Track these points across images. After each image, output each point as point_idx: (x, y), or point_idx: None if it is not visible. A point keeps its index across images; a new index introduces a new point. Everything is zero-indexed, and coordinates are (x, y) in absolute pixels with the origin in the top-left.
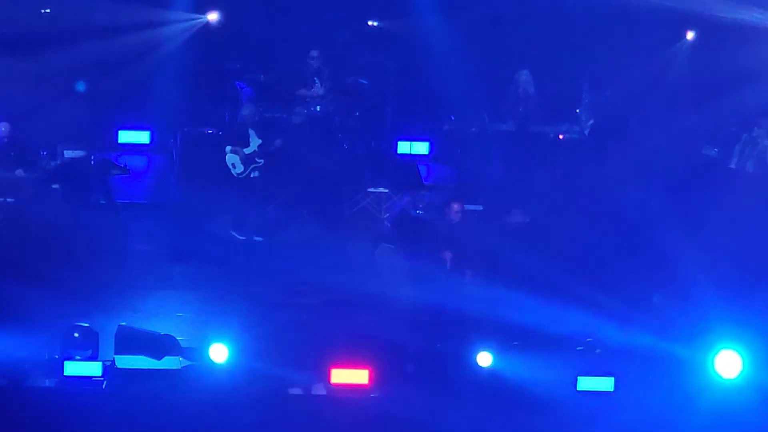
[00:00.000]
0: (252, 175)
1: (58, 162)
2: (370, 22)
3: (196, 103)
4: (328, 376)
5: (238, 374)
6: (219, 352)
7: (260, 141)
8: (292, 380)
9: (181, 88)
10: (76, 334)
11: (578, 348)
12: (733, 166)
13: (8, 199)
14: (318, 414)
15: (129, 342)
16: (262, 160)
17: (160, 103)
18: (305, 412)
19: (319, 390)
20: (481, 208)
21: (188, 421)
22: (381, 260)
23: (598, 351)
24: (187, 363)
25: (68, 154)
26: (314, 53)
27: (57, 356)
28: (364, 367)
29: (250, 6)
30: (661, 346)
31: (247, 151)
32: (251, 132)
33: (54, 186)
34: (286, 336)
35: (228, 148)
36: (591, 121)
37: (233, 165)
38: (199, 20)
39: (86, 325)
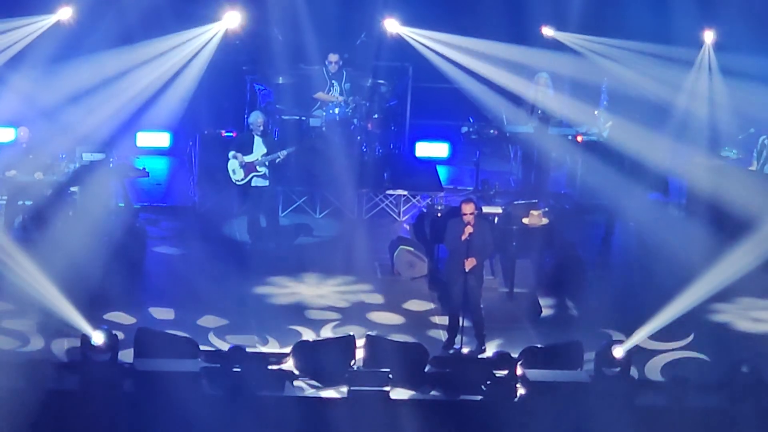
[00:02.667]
0: (253, 183)
1: (77, 165)
2: (387, 25)
3: (215, 105)
4: None
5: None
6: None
7: (265, 150)
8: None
9: (201, 90)
10: (96, 337)
11: None
12: (753, 168)
13: (27, 202)
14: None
15: (148, 345)
16: (264, 169)
17: (179, 105)
18: (324, 414)
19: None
20: (500, 210)
21: (207, 422)
22: (400, 262)
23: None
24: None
25: (87, 157)
26: (333, 56)
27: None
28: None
29: (270, 9)
30: None
31: (248, 158)
32: (257, 140)
33: (73, 189)
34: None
35: (231, 153)
36: (609, 123)
37: (233, 171)
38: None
39: (105, 327)
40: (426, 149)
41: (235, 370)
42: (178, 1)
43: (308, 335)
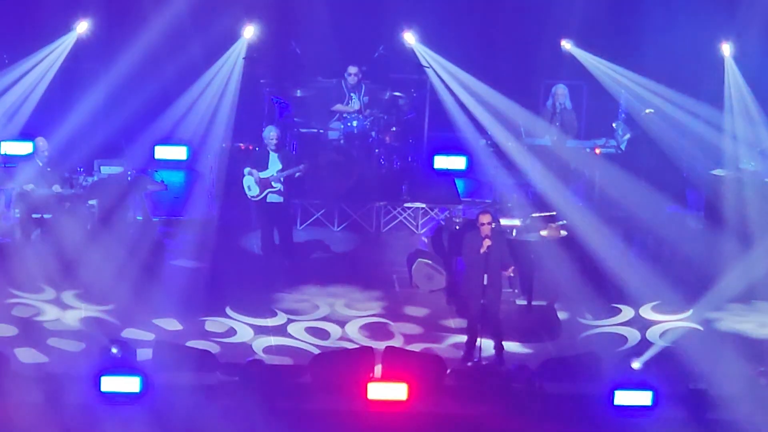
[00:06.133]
0: (268, 199)
1: (95, 178)
2: (406, 36)
3: (233, 118)
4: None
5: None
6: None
7: (280, 165)
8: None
9: (219, 103)
10: (114, 349)
11: None
12: None
13: (45, 215)
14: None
15: (166, 357)
16: (279, 185)
17: (197, 118)
18: (342, 426)
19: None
20: (518, 223)
21: None
22: (418, 275)
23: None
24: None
25: (105, 170)
26: (352, 69)
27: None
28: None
29: (287, 21)
30: None
31: (263, 174)
32: (272, 155)
33: (91, 202)
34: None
35: (246, 169)
36: (627, 136)
37: (249, 187)
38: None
39: (123, 341)
40: (444, 162)
41: (252, 383)
42: (200, 18)
43: (326, 347)
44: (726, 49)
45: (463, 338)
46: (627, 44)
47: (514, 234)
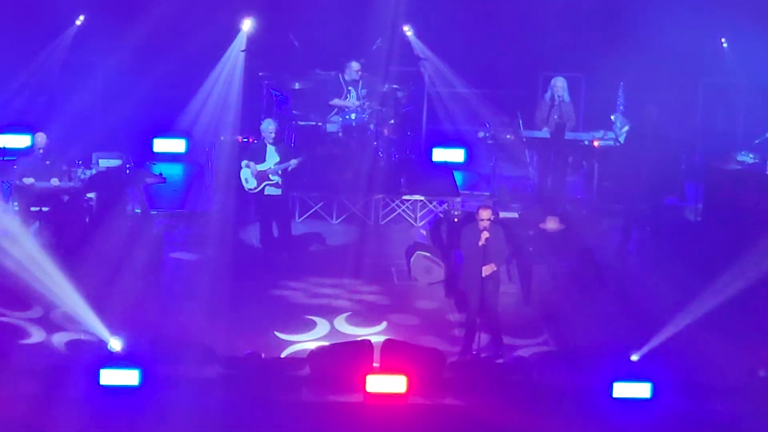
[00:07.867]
0: (266, 192)
1: (94, 171)
2: (405, 29)
3: (234, 111)
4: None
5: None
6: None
7: (278, 158)
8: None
9: (219, 96)
10: (111, 344)
11: None
12: None
13: (44, 208)
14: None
15: (164, 350)
16: (276, 178)
17: (195, 111)
18: (341, 419)
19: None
20: (516, 215)
21: (223, 428)
22: (416, 268)
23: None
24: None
25: (103, 163)
26: (355, 65)
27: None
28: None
29: (285, 14)
30: None
31: (260, 167)
32: (269, 148)
33: (89, 195)
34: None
35: (243, 162)
36: (626, 128)
37: (246, 180)
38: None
39: (123, 334)
40: (442, 154)
41: (251, 376)
42: (198, 10)
43: (325, 339)
44: (725, 41)
45: (462, 329)
46: (627, 39)
47: (512, 227)
